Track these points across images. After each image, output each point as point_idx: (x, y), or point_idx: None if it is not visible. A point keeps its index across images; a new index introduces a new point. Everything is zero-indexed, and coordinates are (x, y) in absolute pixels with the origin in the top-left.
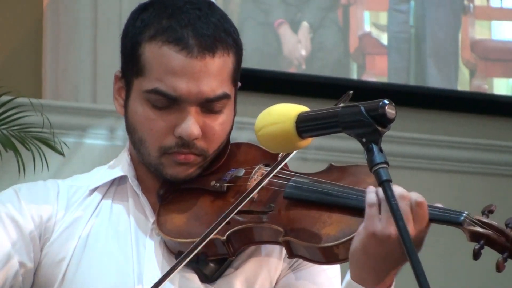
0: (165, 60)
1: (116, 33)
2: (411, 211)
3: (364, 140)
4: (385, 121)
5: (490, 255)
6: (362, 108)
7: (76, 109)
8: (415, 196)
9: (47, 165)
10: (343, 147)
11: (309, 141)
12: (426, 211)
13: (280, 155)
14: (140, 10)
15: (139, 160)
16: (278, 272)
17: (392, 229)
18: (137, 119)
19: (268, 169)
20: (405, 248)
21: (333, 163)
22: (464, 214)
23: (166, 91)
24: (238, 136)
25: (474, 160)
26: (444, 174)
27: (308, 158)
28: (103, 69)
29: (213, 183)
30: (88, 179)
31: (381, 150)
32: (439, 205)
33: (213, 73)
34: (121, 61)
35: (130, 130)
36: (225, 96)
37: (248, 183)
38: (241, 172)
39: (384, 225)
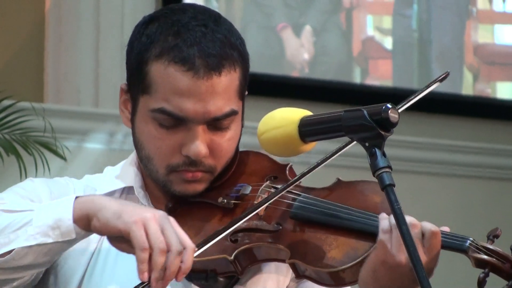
0: (171, 80)
1: (119, 37)
2: (423, 240)
3: (367, 144)
4: (388, 125)
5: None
6: (365, 112)
7: (78, 113)
8: (429, 226)
9: (49, 169)
10: (347, 151)
11: (312, 146)
12: (440, 241)
13: (287, 167)
14: (145, 24)
15: (147, 173)
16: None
17: (403, 257)
18: (145, 137)
19: (275, 186)
20: (415, 273)
21: (340, 178)
22: (468, 241)
23: (172, 111)
24: (241, 141)
25: (477, 164)
26: (447, 178)
27: (311, 163)
28: (105, 73)
29: (220, 199)
30: (101, 181)
31: (384, 154)
32: (445, 228)
33: (219, 92)
34: (127, 74)
35: (138, 146)
36: (232, 113)
37: (255, 202)
38: (248, 190)
39: (395, 252)
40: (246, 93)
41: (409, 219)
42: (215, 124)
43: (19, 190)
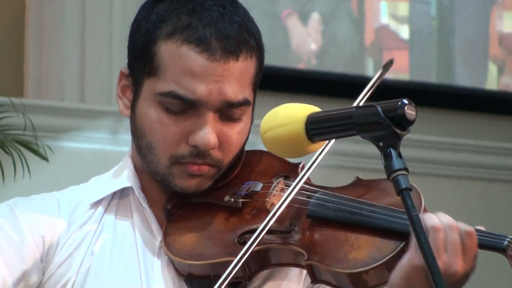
0: (183, 61)
1: (107, 25)
2: (461, 243)
3: (381, 144)
4: (404, 123)
5: None
6: (379, 108)
7: (61, 109)
8: (464, 226)
9: (29, 171)
10: (360, 152)
11: (321, 145)
12: (476, 243)
13: (300, 166)
14: (154, 2)
15: (143, 168)
16: None
17: (441, 263)
18: (148, 123)
19: (289, 182)
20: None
21: (359, 176)
22: (507, 239)
23: (184, 94)
24: None
25: (502, 167)
26: (470, 182)
27: (319, 164)
28: (91, 66)
29: (227, 198)
30: (88, 192)
31: (400, 155)
32: (481, 227)
33: (235, 77)
34: (128, 57)
35: (138, 134)
36: (245, 102)
37: (267, 199)
38: (259, 187)
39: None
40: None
41: (446, 219)
42: (227, 112)
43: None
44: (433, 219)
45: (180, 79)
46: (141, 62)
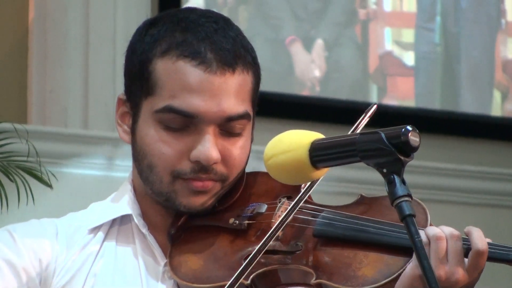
0: (180, 75)
1: (110, 51)
2: (471, 259)
3: (385, 170)
4: (408, 150)
5: None
6: (383, 135)
7: (65, 135)
8: (478, 243)
9: (33, 198)
10: (364, 179)
11: (324, 172)
12: (485, 260)
13: (302, 186)
14: (148, 25)
15: (145, 192)
16: None
17: (442, 272)
18: (147, 142)
19: (292, 202)
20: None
21: (363, 194)
22: None
23: (180, 108)
24: (246, 166)
25: (505, 193)
26: (473, 208)
27: (324, 191)
28: (95, 91)
29: (231, 220)
30: (86, 217)
31: (403, 182)
32: (488, 240)
33: (233, 91)
34: (125, 83)
35: (138, 157)
36: (246, 116)
37: (272, 220)
38: (263, 208)
39: (434, 267)
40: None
41: (447, 230)
42: (228, 127)
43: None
44: (435, 229)
45: (177, 94)
46: (138, 84)
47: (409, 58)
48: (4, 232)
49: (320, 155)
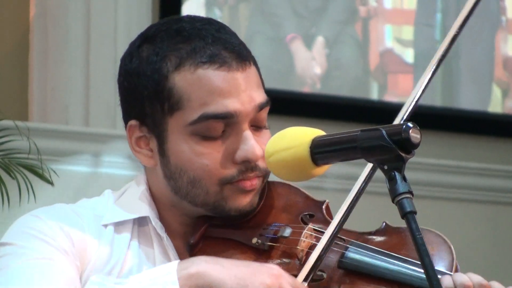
0: (205, 82)
1: (111, 48)
2: None
3: (385, 167)
4: (409, 146)
5: None
6: (384, 132)
7: (66, 133)
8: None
9: (34, 195)
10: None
11: (325, 169)
12: None
13: (324, 206)
14: (143, 47)
15: (172, 204)
16: None
17: None
18: (185, 158)
19: (318, 229)
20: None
21: (387, 222)
22: None
23: (216, 112)
24: None
25: (506, 189)
26: (473, 204)
27: (324, 188)
28: (96, 89)
29: (255, 240)
30: (108, 208)
31: (404, 179)
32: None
33: (255, 81)
34: (133, 109)
35: (175, 175)
36: (269, 102)
37: (298, 247)
38: (288, 232)
39: None
40: None
41: (477, 278)
42: (257, 120)
43: (35, 233)
44: (463, 277)
45: (207, 100)
46: (157, 104)
47: (410, 55)
48: (36, 220)
49: (321, 152)
